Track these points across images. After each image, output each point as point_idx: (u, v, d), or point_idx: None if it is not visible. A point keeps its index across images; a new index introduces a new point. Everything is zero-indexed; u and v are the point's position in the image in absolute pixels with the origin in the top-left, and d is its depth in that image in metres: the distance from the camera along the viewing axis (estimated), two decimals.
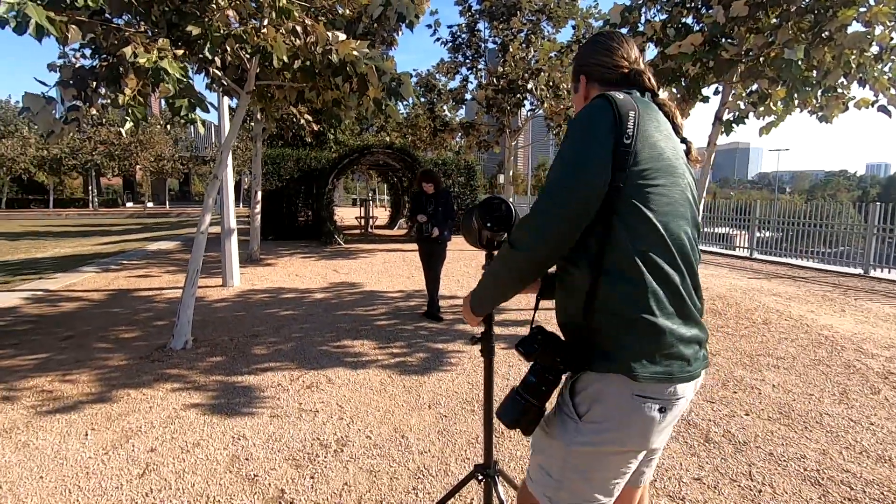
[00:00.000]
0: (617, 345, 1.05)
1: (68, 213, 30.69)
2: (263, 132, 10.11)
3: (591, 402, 1.08)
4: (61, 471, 2.38)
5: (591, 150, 1.03)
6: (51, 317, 5.26)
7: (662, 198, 1.05)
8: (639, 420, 1.05)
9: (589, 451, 1.09)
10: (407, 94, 3.95)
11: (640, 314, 1.02)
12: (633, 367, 1.02)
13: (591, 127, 1.05)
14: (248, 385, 3.45)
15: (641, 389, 1.03)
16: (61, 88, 3.50)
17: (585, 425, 1.09)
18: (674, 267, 1.05)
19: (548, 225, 1.04)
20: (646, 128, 1.05)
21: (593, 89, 1.25)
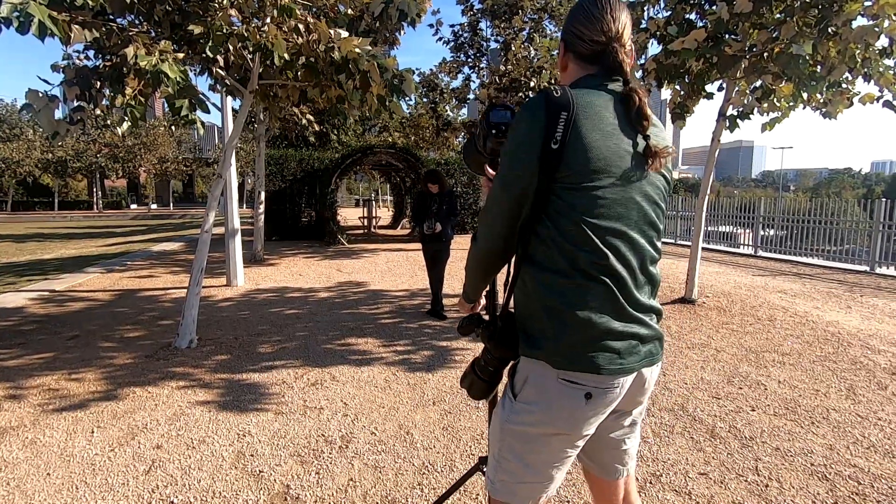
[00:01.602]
0: (542, 333, 1.09)
1: (73, 215, 30.85)
2: (267, 133, 10.14)
3: (524, 383, 1.13)
4: (68, 467, 2.40)
5: (519, 154, 1.06)
6: (57, 317, 5.28)
7: (596, 200, 1.04)
8: (564, 404, 1.07)
9: (520, 430, 1.13)
10: (410, 91, 3.95)
11: (562, 307, 1.06)
12: (553, 356, 1.07)
13: (522, 129, 1.06)
14: (253, 383, 3.46)
15: (566, 375, 1.06)
16: (65, 87, 3.52)
17: (518, 404, 1.13)
18: (604, 266, 1.05)
19: (491, 222, 1.13)
20: (580, 128, 1.03)
21: (569, 61, 1.19)
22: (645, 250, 1.11)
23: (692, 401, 3.16)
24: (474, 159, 1.60)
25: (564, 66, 1.21)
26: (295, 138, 15.33)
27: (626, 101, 1.09)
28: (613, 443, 1.24)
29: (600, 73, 1.13)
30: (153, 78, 3.15)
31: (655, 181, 1.13)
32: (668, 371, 3.67)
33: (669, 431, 2.75)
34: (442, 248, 5.26)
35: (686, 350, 4.15)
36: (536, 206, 1.06)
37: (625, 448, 1.27)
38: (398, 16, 4.17)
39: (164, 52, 3.25)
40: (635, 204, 1.09)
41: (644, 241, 1.11)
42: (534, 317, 1.11)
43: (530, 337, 1.11)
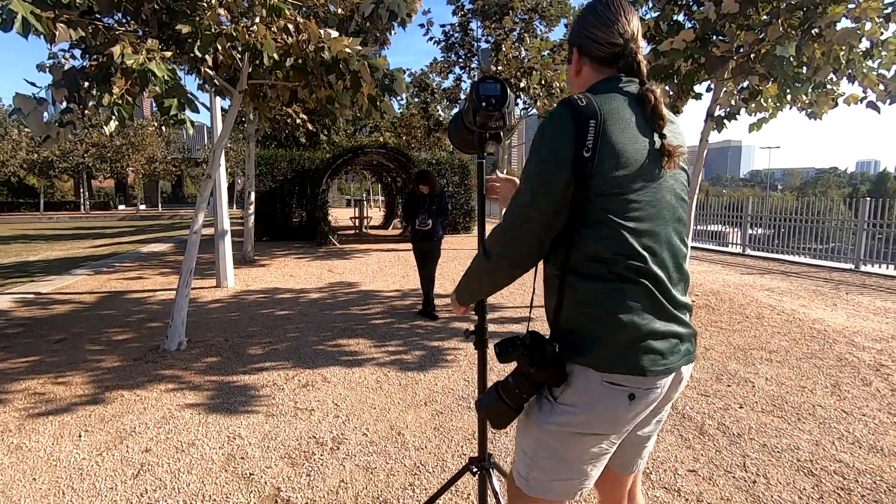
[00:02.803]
0: (584, 338, 1.09)
1: (59, 216, 30.43)
2: (256, 133, 10.07)
3: (565, 386, 1.12)
4: (54, 472, 2.36)
5: (551, 165, 1.04)
6: (42, 319, 5.21)
7: (629, 203, 1.05)
8: (608, 405, 1.08)
9: (559, 430, 1.12)
10: (400, 91, 3.95)
11: (605, 312, 1.06)
12: (597, 359, 1.07)
13: (551, 140, 1.05)
14: (243, 385, 3.43)
15: (611, 377, 1.06)
16: (53, 90, 3.47)
17: (559, 406, 1.12)
18: (643, 268, 1.06)
19: (516, 235, 1.10)
20: (609, 134, 1.04)
21: (584, 66, 1.19)
22: (677, 248, 1.13)
23: (681, 398, 3.19)
24: (461, 136, 1.60)
25: (578, 71, 1.21)
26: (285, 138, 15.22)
27: (642, 102, 1.10)
28: (639, 439, 1.25)
29: (616, 75, 1.14)
30: (140, 77, 3.12)
31: (678, 176, 1.15)
32: None
33: (664, 432, 2.78)
34: (433, 248, 5.26)
35: None
36: (571, 216, 1.06)
37: (647, 444, 1.28)
38: (388, 16, 4.16)
39: (151, 51, 3.21)
40: (665, 203, 1.10)
41: (676, 238, 1.13)
42: (575, 324, 1.11)
43: (573, 343, 1.11)
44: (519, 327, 4.85)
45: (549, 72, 9.83)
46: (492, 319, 5.08)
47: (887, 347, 4.25)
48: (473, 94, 1.44)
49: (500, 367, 3.71)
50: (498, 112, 1.45)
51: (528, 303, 5.93)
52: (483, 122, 1.48)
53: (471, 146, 1.59)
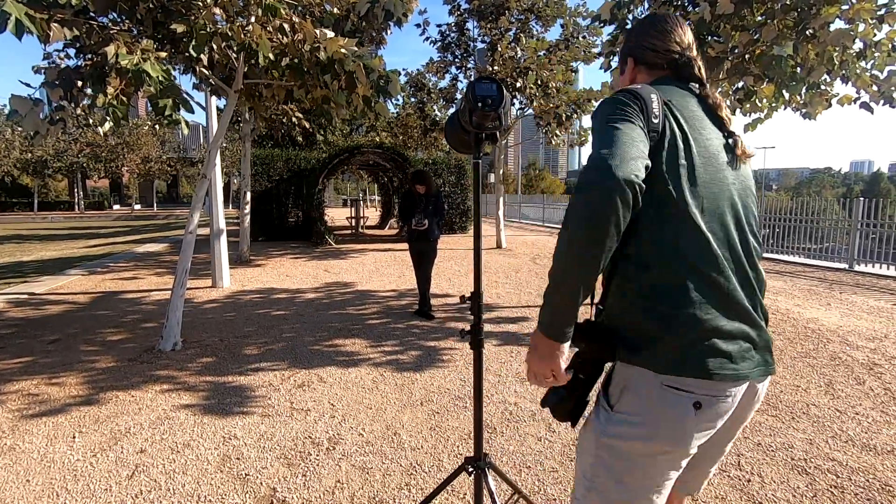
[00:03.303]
0: (642, 336, 0.99)
1: (53, 216, 30.24)
2: (252, 132, 10.04)
3: (621, 392, 1.02)
4: (48, 474, 2.35)
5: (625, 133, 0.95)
6: (36, 320, 5.18)
7: (698, 189, 0.99)
8: (670, 413, 0.96)
9: (618, 444, 1.01)
10: (395, 92, 3.95)
11: (665, 306, 0.97)
12: (655, 359, 0.97)
13: (618, 112, 0.99)
14: (238, 385, 3.42)
15: (671, 380, 0.95)
16: (48, 89, 3.45)
17: (616, 415, 1.02)
18: (710, 257, 0.98)
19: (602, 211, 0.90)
20: (675, 113, 1.02)
21: (640, 73, 1.21)
22: (749, 243, 1.05)
23: None
24: (458, 136, 1.60)
25: (632, 79, 1.23)
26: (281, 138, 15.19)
27: (704, 100, 1.12)
28: (705, 462, 1.13)
29: (673, 76, 1.16)
30: (135, 77, 3.10)
31: (748, 172, 1.12)
32: None
33: None
34: (429, 248, 5.26)
35: None
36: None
37: (712, 467, 1.17)
38: (384, 15, 4.16)
39: (145, 51, 3.20)
40: (735, 194, 1.05)
41: (749, 233, 1.06)
42: (632, 320, 1.02)
43: (628, 342, 1.01)
44: (516, 327, 4.86)
45: (545, 72, 9.83)
46: (488, 319, 5.08)
47: (881, 346, 4.28)
48: (469, 95, 1.45)
49: (497, 368, 3.71)
50: (494, 112, 1.45)
51: (522, 303, 5.94)
52: (479, 122, 1.48)
53: (467, 146, 1.59)
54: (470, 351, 3.28)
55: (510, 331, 4.73)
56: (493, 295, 6.34)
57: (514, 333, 4.63)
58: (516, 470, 2.38)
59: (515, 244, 12.23)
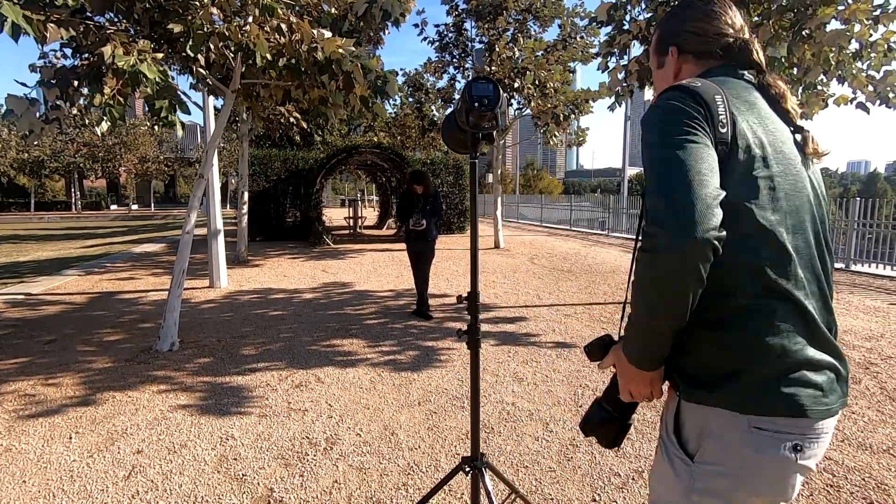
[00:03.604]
0: (715, 370, 0.86)
1: (50, 217, 30.14)
2: (250, 132, 10.03)
3: (700, 438, 0.87)
4: (45, 474, 2.34)
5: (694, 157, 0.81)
6: (32, 320, 5.16)
7: (772, 192, 0.85)
8: (766, 461, 0.82)
9: (713, 502, 0.87)
10: (392, 92, 3.95)
11: (743, 334, 0.84)
12: (737, 397, 0.83)
13: (680, 123, 0.85)
14: (236, 385, 3.42)
15: (760, 421, 0.81)
16: (44, 89, 3.45)
17: (699, 467, 0.87)
18: (795, 279, 0.85)
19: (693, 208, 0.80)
20: (739, 112, 0.88)
21: (687, 63, 1.04)
22: (826, 261, 0.91)
23: None
24: (454, 136, 1.60)
25: (677, 72, 1.05)
26: (279, 138, 15.18)
27: (766, 91, 0.97)
28: None
29: (726, 64, 1.00)
30: (131, 78, 3.10)
31: (819, 175, 0.97)
32: None
33: (652, 428, 2.79)
34: (427, 248, 5.26)
35: None
36: None
37: None
38: (382, 16, 4.15)
39: (142, 52, 3.19)
40: (814, 205, 0.91)
41: (825, 249, 0.91)
42: (703, 354, 0.87)
43: (699, 379, 0.87)
44: (514, 327, 4.86)
45: (543, 72, 9.85)
46: (485, 319, 5.08)
47: (877, 346, 4.29)
48: (466, 95, 1.45)
49: (494, 368, 3.72)
50: (490, 112, 1.45)
51: (520, 303, 5.94)
52: (476, 122, 1.48)
53: (464, 146, 1.59)
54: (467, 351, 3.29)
55: (508, 331, 4.73)
56: (491, 295, 6.34)
57: (511, 333, 4.64)
58: (513, 470, 2.39)
59: (513, 244, 12.24)
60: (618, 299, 6.12)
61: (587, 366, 3.78)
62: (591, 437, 1.07)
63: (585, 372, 3.65)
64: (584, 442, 2.63)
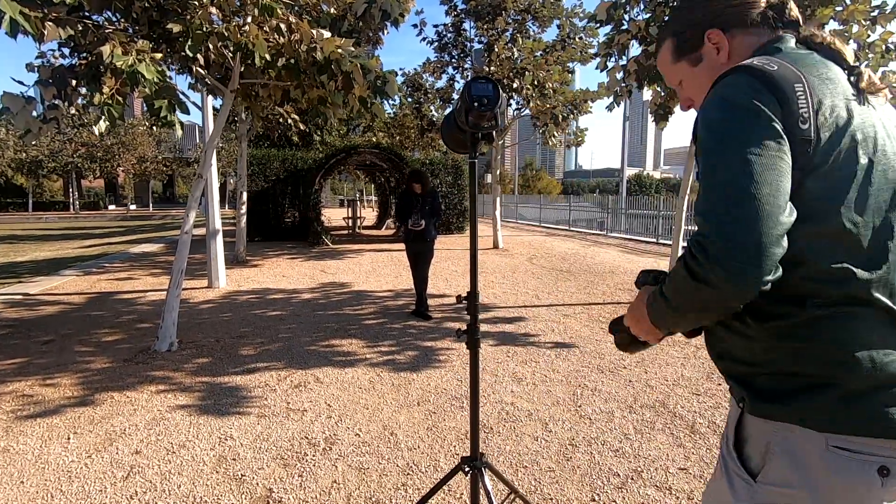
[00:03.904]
0: (789, 383, 0.78)
1: (48, 217, 30.08)
2: (249, 132, 10.02)
3: (766, 456, 0.79)
4: (43, 475, 2.34)
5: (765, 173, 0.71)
6: (30, 320, 5.15)
7: (859, 188, 0.75)
8: (845, 484, 0.73)
9: None
10: (392, 93, 3.95)
11: (829, 346, 0.75)
12: (815, 413, 0.75)
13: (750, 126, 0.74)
14: (235, 386, 3.41)
15: (840, 440, 0.73)
16: (41, 88, 3.44)
17: (763, 487, 0.79)
18: (881, 281, 0.75)
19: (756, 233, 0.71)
20: (821, 97, 0.75)
21: (735, 39, 0.91)
22: None
23: (672, 397, 3.21)
24: (454, 136, 1.60)
25: (729, 54, 0.91)
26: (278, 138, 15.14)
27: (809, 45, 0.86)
28: None
29: (775, 33, 0.89)
30: (130, 78, 3.09)
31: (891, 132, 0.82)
32: (650, 368, 3.73)
33: (650, 428, 2.80)
34: (426, 248, 5.26)
35: (666, 347, 4.22)
36: None
37: None
38: (381, 16, 4.15)
39: (141, 52, 3.19)
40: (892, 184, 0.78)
41: None
42: (770, 364, 0.80)
43: (765, 391, 0.79)
44: (512, 327, 4.87)
45: (542, 72, 9.86)
46: (484, 319, 5.09)
47: None
48: (465, 95, 1.45)
49: (494, 368, 3.72)
50: (490, 112, 1.45)
51: (519, 303, 5.95)
52: (475, 122, 1.48)
53: (463, 146, 1.60)
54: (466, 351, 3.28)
55: (507, 331, 4.73)
56: (490, 295, 6.35)
57: (510, 333, 4.64)
58: (513, 470, 2.39)
59: (512, 244, 12.25)
60: (616, 299, 6.13)
61: (586, 366, 3.78)
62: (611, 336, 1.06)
63: (584, 372, 3.65)
64: (583, 442, 2.64)
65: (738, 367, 0.84)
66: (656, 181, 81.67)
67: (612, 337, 1.09)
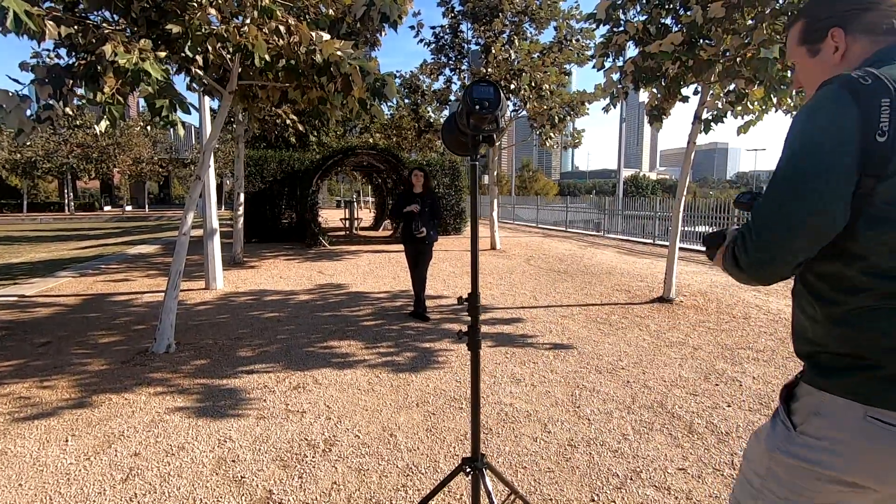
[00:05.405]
0: (844, 361, 0.88)
1: (43, 218, 29.91)
2: (245, 133, 10.00)
3: (810, 415, 0.91)
4: (41, 478, 2.33)
5: (818, 169, 0.83)
6: (26, 322, 5.12)
7: None
8: (873, 449, 0.83)
9: (798, 465, 0.91)
10: (391, 95, 3.95)
11: (876, 336, 0.85)
12: (860, 388, 0.85)
13: (817, 132, 0.85)
14: (233, 387, 3.41)
15: (878, 412, 0.83)
16: (37, 87, 3.42)
17: (799, 437, 0.91)
18: None
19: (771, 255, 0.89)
20: None
21: (855, 43, 0.95)
22: None
23: (671, 398, 3.22)
24: (455, 139, 1.61)
25: (843, 55, 0.97)
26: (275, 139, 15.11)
27: None
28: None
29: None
30: (133, 77, 3.08)
31: None
32: (647, 369, 3.74)
33: (649, 428, 2.81)
34: (425, 250, 5.26)
35: (664, 348, 4.24)
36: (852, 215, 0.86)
37: None
38: (380, 18, 4.16)
39: (143, 51, 3.18)
40: None
41: None
42: (825, 344, 0.91)
43: (819, 365, 0.91)
44: (510, 328, 4.87)
45: (539, 74, 9.88)
46: (482, 320, 5.09)
47: None
48: (467, 97, 1.46)
49: (492, 369, 3.72)
50: (491, 115, 1.46)
51: (517, 304, 5.96)
52: (476, 124, 1.49)
53: (464, 148, 1.60)
54: (465, 352, 3.28)
55: (505, 332, 4.74)
56: (488, 296, 6.35)
57: (508, 334, 4.65)
58: (512, 470, 2.39)
59: (510, 245, 12.26)
60: (614, 300, 6.15)
61: (584, 366, 3.80)
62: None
63: (583, 373, 3.66)
64: (582, 442, 2.65)
65: (805, 346, 0.96)
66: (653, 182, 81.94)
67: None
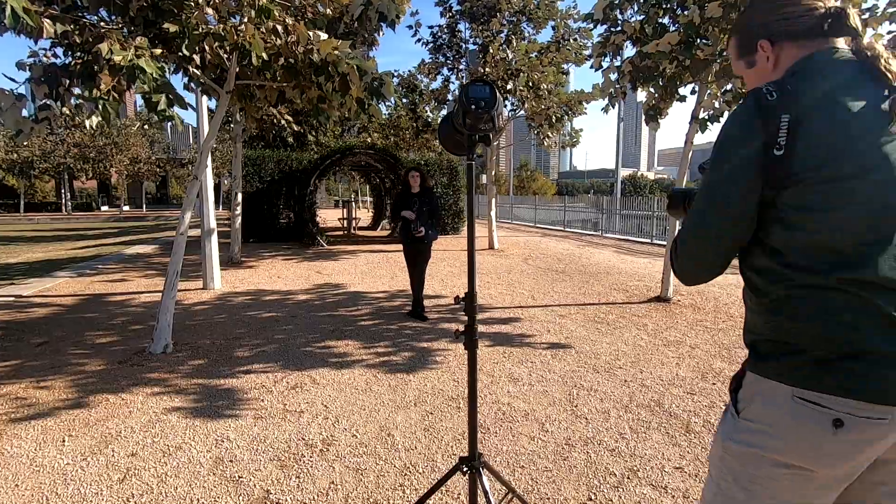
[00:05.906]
0: (773, 348, 0.95)
1: (40, 218, 29.82)
2: (243, 133, 9.99)
3: (749, 400, 0.97)
4: (38, 478, 2.32)
5: (727, 176, 0.94)
6: (23, 323, 5.10)
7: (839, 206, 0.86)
8: (801, 429, 0.88)
9: (743, 450, 0.96)
10: (388, 94, 3.95)
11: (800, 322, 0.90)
12: (787, 372, 0.91)
13: (728, 143, 0.94)
14: (230, 387, 3.40)
15: (803, 393, 0.88)
16: (33, 85, 3.41)
17: (742, 422, 0.98)
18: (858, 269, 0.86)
19: (695, 252, 1.03)
20: (814, 124, 0.86)
21: (783, 51, 1.01)
22: None
23: (668, 397, 3.23)
24: (451, 138, 1.61)
25: (776, 62, 1.02)
26: (272, 139, 15.12)
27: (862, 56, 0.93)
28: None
29: (827, 45, 0.97)
30: (129, 74, 3.07)
31: None
32: (645, 368, 3.75)
33: (646, 427, 2.81)
34: (423, 250, 5.26)
35: (662, 347, 4.25)
36: (763, 215, 0.94)
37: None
38: (377, 17, 4.16)
39: (139, 49, 3.18)
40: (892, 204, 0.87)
41: None
42: (760, 332, 0.98)
43: (758, 353, 0.98)
44: (508, 328, 4.88)
45: (536, 74, 9.89)
46: (480, 320, 5.10)
47: None
48: (463, 97, 1.46)
49: (490, 369, 3.73)
50: (487, 114, 1.46)
51: (514, 303, 5.96)
52: (473, 124, 1.50)
53: (461, 148, 1.61)
54: (462, 352, 3.27)
55: (503, 331, 4.74)
56: (486, 296, 6.36)
57: (506, 334, 4.65)
58: (510, 470, 2.40)
59: (507, 245, 12.27)
60: (612, 300, 6.16)
61: (582, 366, 3.80)
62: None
63: (580, 372, 3.67)
64: (580, 442, 2.65)
65: (748, 335, 1.03)
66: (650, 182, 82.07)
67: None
